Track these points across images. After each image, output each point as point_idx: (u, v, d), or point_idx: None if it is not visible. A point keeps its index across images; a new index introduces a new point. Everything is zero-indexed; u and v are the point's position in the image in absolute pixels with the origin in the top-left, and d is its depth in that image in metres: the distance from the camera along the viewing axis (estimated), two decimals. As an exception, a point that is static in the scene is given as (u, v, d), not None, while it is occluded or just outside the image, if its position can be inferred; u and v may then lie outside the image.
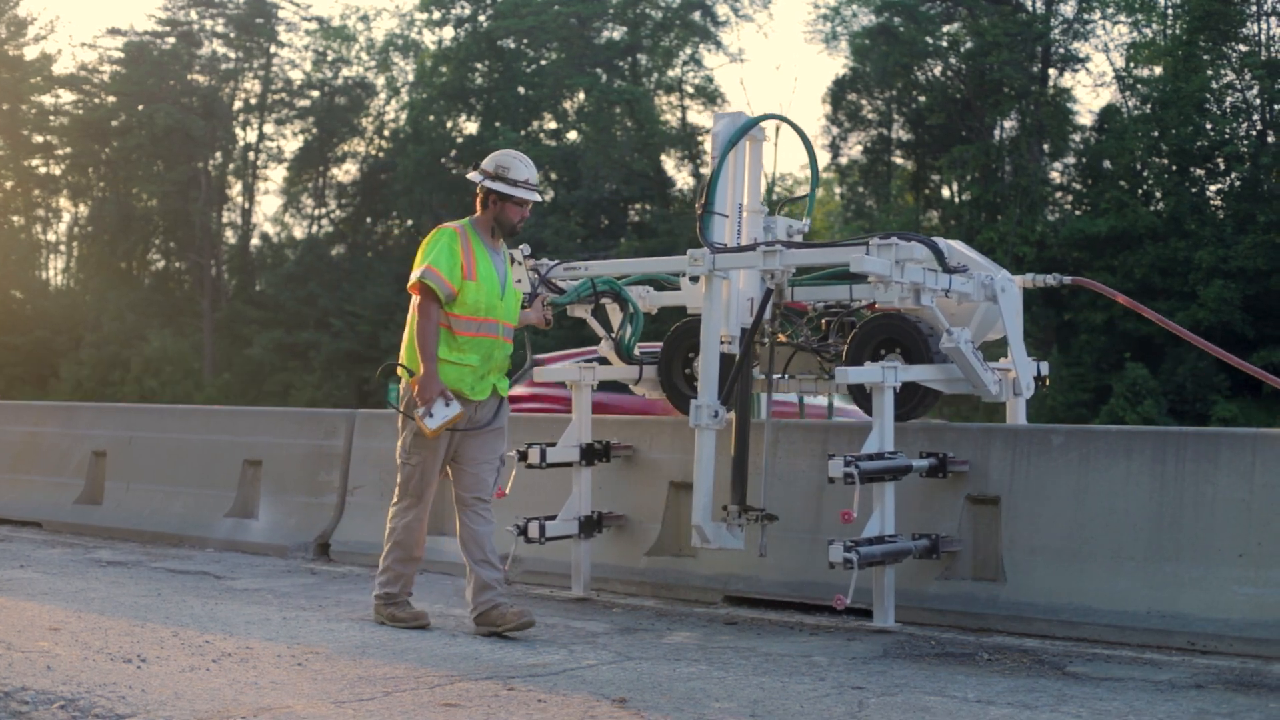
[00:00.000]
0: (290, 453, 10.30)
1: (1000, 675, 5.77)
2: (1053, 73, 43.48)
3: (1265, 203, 36.28)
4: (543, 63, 51.25)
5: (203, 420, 11.46)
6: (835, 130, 46.39)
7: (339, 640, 6.38)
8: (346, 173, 57.40)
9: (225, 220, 59.13)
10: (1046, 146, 42.18)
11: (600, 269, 8.10)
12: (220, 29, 58.18)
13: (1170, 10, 41.36)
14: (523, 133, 47.50)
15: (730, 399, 7.26)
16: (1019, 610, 6.78)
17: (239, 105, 58.63)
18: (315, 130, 56.99)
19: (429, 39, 55.28)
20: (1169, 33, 40.87)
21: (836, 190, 50.59)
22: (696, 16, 51.70)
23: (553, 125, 51.36)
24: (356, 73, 58.09)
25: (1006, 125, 43.23)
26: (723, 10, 52.46)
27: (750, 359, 7.32)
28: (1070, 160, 43.43)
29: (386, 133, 56.22)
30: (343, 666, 5.73)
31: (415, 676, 5.53)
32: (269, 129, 59.01)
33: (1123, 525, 6.64)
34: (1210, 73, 38.91)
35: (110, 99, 57.91)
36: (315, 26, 58.66)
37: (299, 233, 58.61)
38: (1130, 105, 41.65)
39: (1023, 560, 6.86)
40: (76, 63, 64.82)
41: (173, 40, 57.75)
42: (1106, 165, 40.56)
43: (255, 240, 59.78)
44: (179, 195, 55.35)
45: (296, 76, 58.80)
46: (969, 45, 42.71)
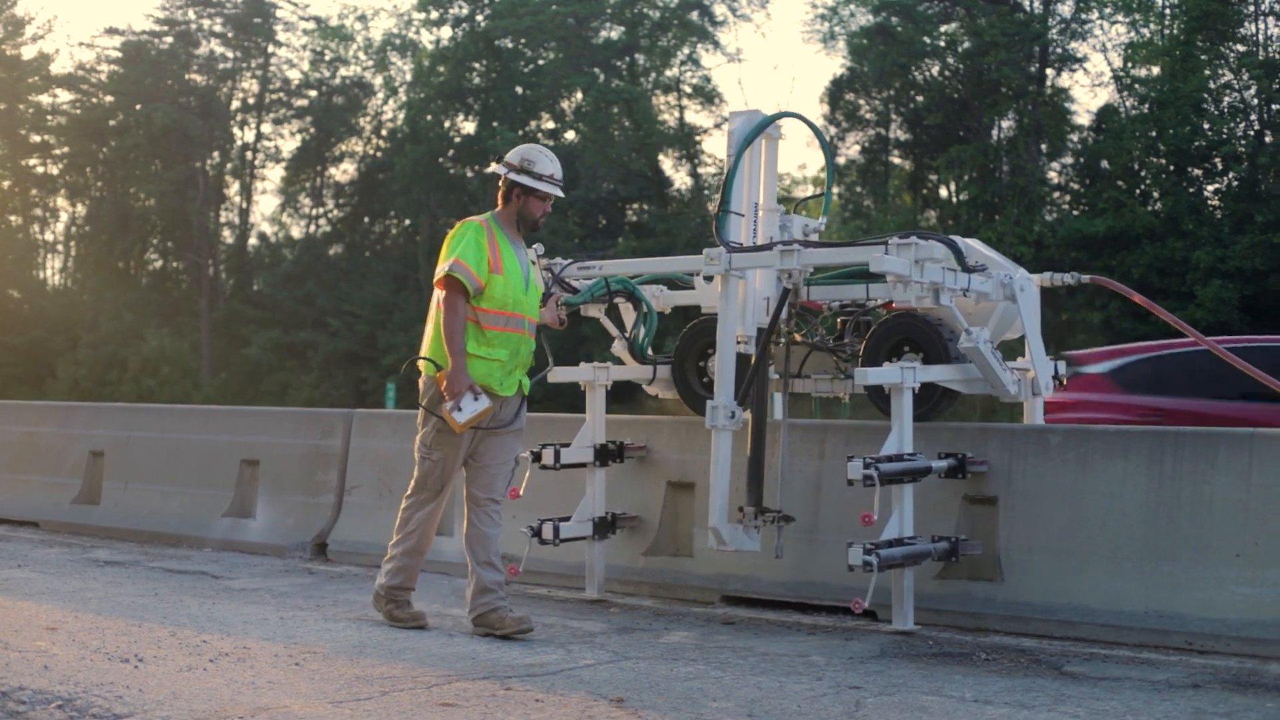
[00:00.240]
0: (288, 452, 10.30)
1: (997, 675, 5.77)
2: (1050, 73, 43.46)
3: (1263, 203, 36.27)
4: (540, 62, 51.22)
5: (200, 420, 11.46)
6: (833, 130, 46.35)
7: (336, 640, 6.37)
8: (344, 172, 57.43)
9: (223, 220, 59.13)
10: (1044, 146, 42.19)
11: (614, 268, 8.06)
12: (218, 28, 58.18)
13: (1168, 10, 41.33)
14: (520, 132, 47.46)
15: (747, 400, 7.21)
16: (1016, 610, 6.77)
17: (237, 105, 58.63)
18: (313, 130, 56.98)
19: (427, 39, 55.27)
20: (1167, 33, 40.84)
21: (835, 190, 50.52)
22: (694, 16, 51.67)
23: (550, 125, 51.32)
24: (354, 72, 58.11)
25: (1004, 125, 43.21)
26: (720, 10, 52.48)
27: (767, 359, 7.27)
28: (1068, 160, 43.42)
29: (384, 132, 56.19)
30: (340, 666, 5.73)
31: (412, 676, 5.53)
32: (267, 129, 59.05)
33: (1120, 525, 6.64)
34: (1208, 73, 38.89)
35: (108, 99, 57.91)
36: (313, 26, 58.68)
37: (296, 232, 58.63)
38: (1128, 105, 41.65)
39: (1020, 560, 6.86)
40: (74, 62, 64.73)
41: (170, 40, 57.73)
42: (1104, 165, 40.55)
43: (253, 240, 59.82)
44: (176, 195, 55.33)
45: (294, 76, 58.86)
46: (967, 45, 42.70)
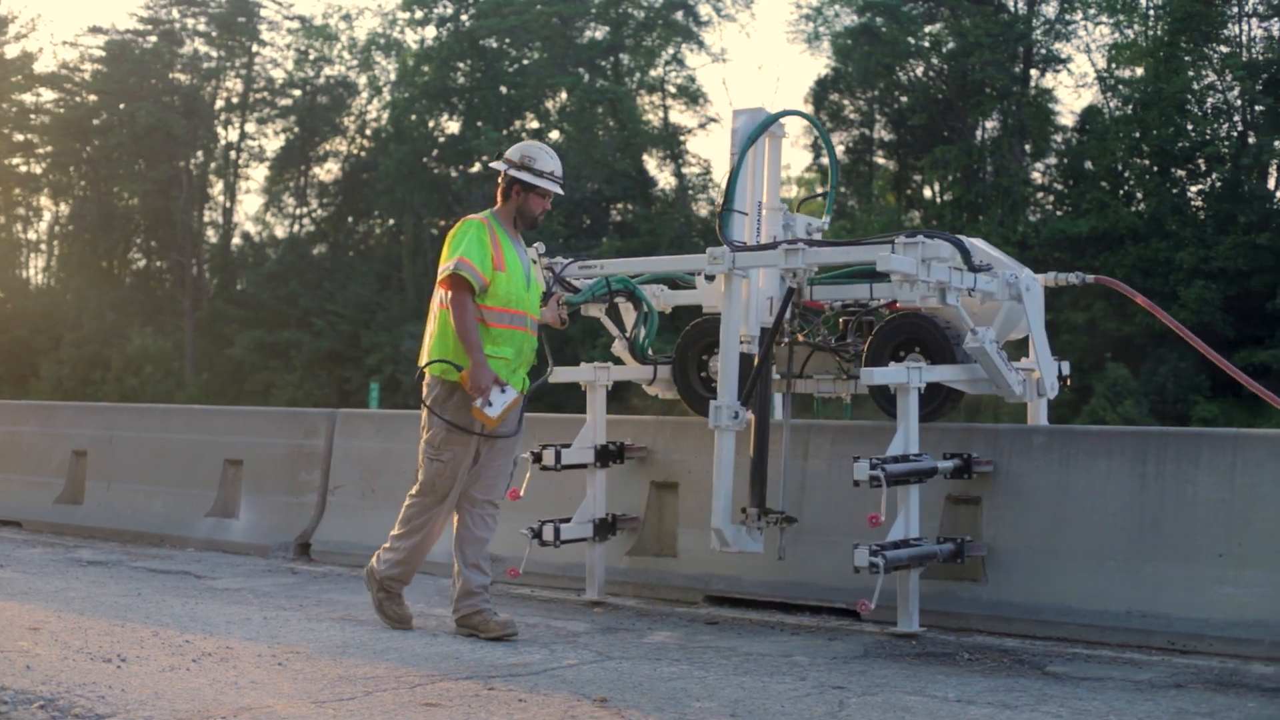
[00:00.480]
0: (271, 452, 10.27)
1: (980, 675, 5.77)
2: (1034, 73, 43.63)
3: (1246, 204, 36.44)
4: (525, 62, 51.24)
5: (183, 420, 11.42)
6: (816, 130, 46.47)
7: (320, 640, 6.36)
8: (328, 172, 57.42)
9: (206, 219, 59.06)
10: (1028, 147, 42.33)
11: (615, 268, 8.03)
12: (202, 28, 58.14)
13: (1152, 11, 41.51)
14: (505, 132, 47.46)
15: (750, 400, 7.17)
16: (999, 610, 6.77)
17: (221, 104, 58.56)
18: (297, 129, 56.93)
19: (411, 38, 55.29)
20: (1150, 34, 41.02)
21: (819, 190, 50.62)
22: (679, 16, 51.76)
23: (535, 125, 51.34)
24: (338, 72, 58.11)
25: (988, 126, 43.38)
26: (705, 10, 52.58)
27: (770, 359, 7.24)
28: (1052, 161, 43.58)
29: (368, 132, 56.18)
30: (323, 666, 5.72)
31: (396, 676, 5.52)
32: (250, 128, 59.04)
33: (1103, 525, 6.64)
34: (1191, 74, 39.07)
35: (91, 98, 57.80)
36: (297, 25, 58.74)
37: (280, 232, 58.59)
38: (1112, 106, 41.81)
39: (1003, 560, 6.86)
40: (58, 61, 64.84)
41: (154, 39, 57.66)
42: (1088, 166, 40.70)
43: (236, 239, 59.78)
44: (160, 194, 55.24)
45: (278, 75, 58.84)
46: (951, 46, 42.83)
